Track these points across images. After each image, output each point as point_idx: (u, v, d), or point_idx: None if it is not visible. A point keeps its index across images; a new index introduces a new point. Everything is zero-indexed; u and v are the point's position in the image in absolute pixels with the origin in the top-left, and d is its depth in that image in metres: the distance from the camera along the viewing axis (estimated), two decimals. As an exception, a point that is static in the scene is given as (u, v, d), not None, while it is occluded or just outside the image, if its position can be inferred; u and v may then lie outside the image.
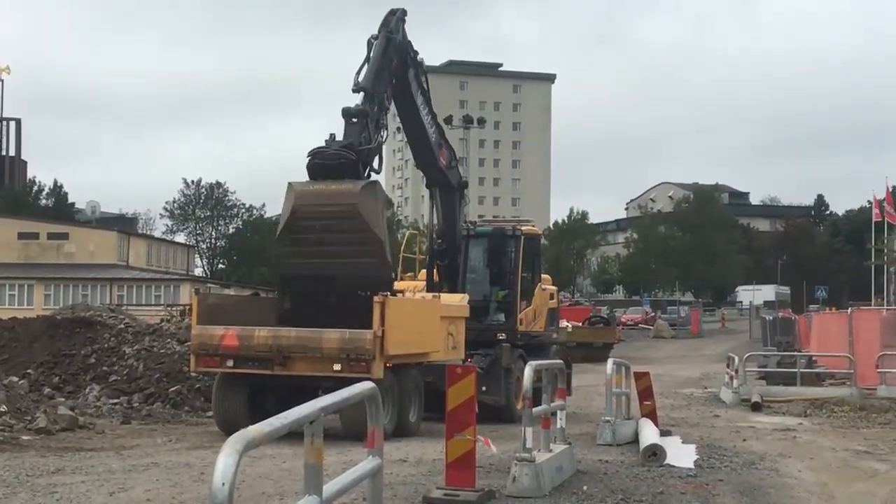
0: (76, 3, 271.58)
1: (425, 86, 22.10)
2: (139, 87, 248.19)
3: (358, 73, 19.85)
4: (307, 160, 18.74)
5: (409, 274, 24.40)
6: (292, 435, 5.54)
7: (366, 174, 18.90)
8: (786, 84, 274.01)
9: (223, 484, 4.49)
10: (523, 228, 23.74)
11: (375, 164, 19.32)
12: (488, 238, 23.77)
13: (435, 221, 23.72)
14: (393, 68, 20.51)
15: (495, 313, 22.75)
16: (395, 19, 20.74)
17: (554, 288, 25.42)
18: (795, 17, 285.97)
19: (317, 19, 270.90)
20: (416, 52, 21.58)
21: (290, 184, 18.69)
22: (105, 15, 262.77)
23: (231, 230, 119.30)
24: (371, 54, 20.13)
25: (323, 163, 18.50)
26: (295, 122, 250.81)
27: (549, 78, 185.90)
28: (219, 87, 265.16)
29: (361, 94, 19.53)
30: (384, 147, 19.80)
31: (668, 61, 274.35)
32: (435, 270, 23.10)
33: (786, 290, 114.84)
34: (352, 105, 19.37)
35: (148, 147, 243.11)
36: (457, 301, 20.85)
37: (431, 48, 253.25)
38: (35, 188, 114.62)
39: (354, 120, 19.09)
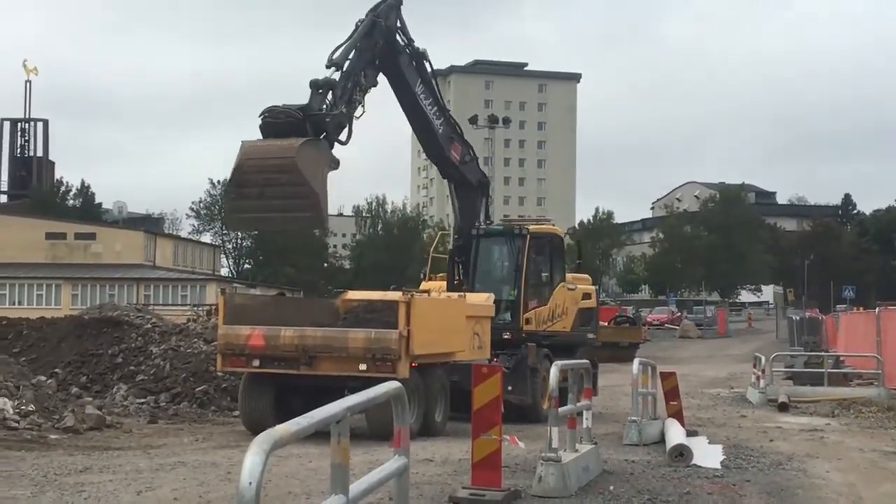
0: (96, 3, 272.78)
1: (428, 77, 22.45)
2: (160, 86, 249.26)
3: (335, 51, 20.37)
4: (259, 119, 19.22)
5: (440, 274, 24.36)
6: (318, 434, 5.54)
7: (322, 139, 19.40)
8: (814, 83, 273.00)
9: (250, 483, 4.50)
10: (531, 227, 23.57)
11: (343, 136, 19.77)
12: (496, 237, 23.74)
13: (461, 220, 23.92)
14: (378, 51, 21.04)
15: (502, 312, 22.54)
16: (384, 5, 21.25)
17: (591, 288, 25.18)
18: (825, 15, 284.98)
19: (344, 14, 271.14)
20: (410, 40, 21.92)
21: (242, 141, 19.10)
22: (126, 15, 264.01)
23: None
24: (353, 34, 20.72)
25: (271, 121, 19.03)
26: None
27: (575, 77, 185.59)
28: (241, 86, 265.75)
29: (333, 69, 20.09)
30: (354, 121, 20.21)
31: (693, 61, 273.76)
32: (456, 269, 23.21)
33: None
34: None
35: (172, 147, 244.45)
36: (482, 301, 20.81)
37: (457, 48, 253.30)
38: (62, 188, 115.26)
39: (320, 91, 19.74)
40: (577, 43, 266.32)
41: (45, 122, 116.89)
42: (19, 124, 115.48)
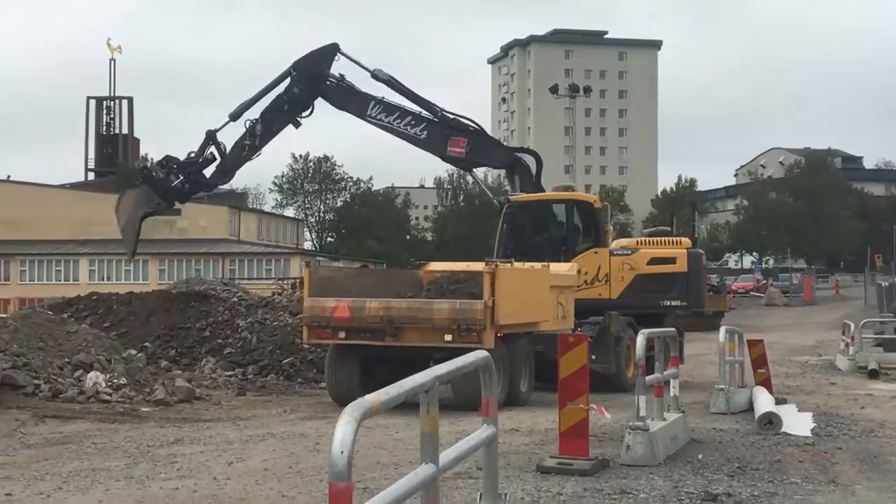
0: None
1: (383, 95, 25.82)
2: (243, 62, 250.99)
3: (241, 104, 26.11)
4: None
5: None
6: (404, 405, 5.56)
7: (178, 181, 26.44)
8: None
9: (342, 452, 4.52)
10: (512, 197, 23.98)
11: (222, 179, 27.30)
12: (498, 211, 24.11)
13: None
14: (293, 97, 25.65)
15: None
16: (308, 56, 25.74)
17: (675, 251, 23.46)
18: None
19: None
20: (337, 78, 25.84)
21: None
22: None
23: (339, 203, 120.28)
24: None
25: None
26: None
27: (655, 45, 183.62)
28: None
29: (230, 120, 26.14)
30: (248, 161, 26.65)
31: (777, 27, 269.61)
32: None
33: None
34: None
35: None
36: (565, 270, 20.73)
37: (536, 18, 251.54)
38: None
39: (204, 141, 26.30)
40: (658, 10, 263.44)
41: (130, 100, 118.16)
42: (104, 102, 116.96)
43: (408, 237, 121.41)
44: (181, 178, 26.46)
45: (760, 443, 13.69)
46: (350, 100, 25.82)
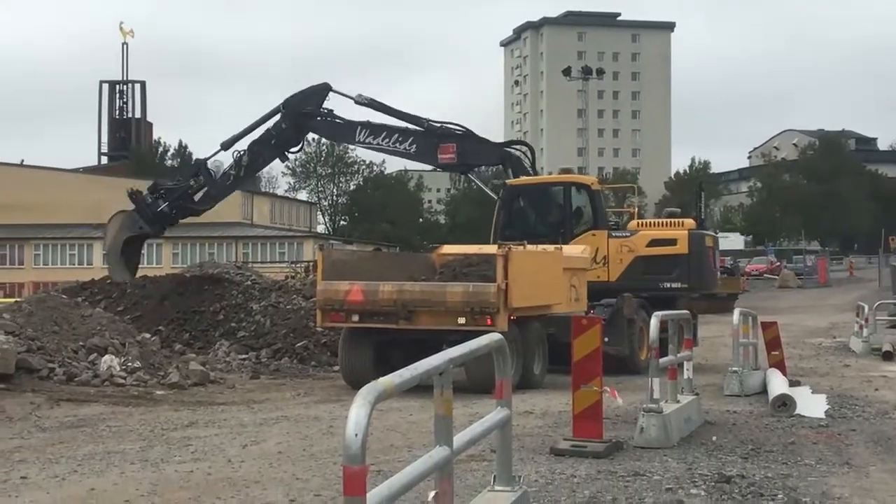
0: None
1: (369, 119, 26.97)
2: (258, 47, 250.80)
3: (233, 135, 27.71)
4: None
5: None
6: (418, 388, 5.57)
7: (165, 206, 28.39)
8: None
9: (356, 435, 4.52)
10: (509, 181, 24.41)
11: (205, 204, 28.71)
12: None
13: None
14: (281, 132, 27.19)
15: None
16: (298, 94, 27.06)
17: (675, 232, 22.95)
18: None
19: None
20: (324, 113, 27.11)
21: None
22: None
23: (352, 187, 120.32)
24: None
25: None
26: (412, 82, 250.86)
27: (668, 26, 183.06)
28: (337, 49, 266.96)
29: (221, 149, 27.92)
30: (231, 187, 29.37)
31: (789, 11, 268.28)
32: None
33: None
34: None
35: (267, 106, 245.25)
36: (578, 253, 20.69)
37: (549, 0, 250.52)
38: (161, 149, 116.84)
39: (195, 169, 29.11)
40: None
41: (143, 84, 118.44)
42: (117, 86, 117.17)
43: (421, 220, 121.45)
44: (168, 202, 28.25)
45: (774, 425, 13.68)
46: (338, 131, 27.57)
